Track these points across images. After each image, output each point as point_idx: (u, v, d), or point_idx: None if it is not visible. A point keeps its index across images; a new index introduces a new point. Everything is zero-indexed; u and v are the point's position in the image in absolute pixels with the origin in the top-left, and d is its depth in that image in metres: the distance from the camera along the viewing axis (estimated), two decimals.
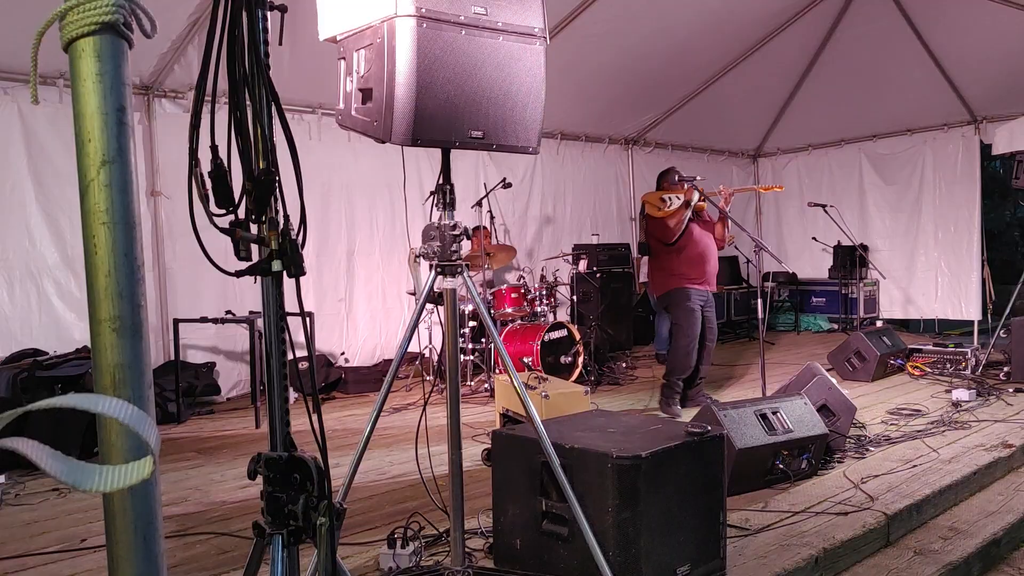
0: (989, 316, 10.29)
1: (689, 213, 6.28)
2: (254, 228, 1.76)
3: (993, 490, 4.80)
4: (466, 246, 6.13)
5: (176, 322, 6.61)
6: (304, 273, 1.74)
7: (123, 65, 0.89)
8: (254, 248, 1.78)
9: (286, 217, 1.75)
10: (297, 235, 1.77)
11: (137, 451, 0.83)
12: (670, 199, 6.36)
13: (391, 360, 8.27)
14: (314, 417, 1.78)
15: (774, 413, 4.50)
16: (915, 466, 4.77)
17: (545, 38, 2.99)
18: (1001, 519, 4.29)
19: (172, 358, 6.69)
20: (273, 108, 1.75)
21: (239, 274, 1.73)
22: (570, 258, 8.99)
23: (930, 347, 8.19)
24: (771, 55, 9.65)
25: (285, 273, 1.75)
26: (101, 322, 0.88)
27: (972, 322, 10.38)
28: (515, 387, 3.04)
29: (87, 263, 0.88)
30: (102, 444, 0.89)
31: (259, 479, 1.86)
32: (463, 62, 2.79)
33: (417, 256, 3.08)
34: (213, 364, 7.20)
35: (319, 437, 1.77)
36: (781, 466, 4.44)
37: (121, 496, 0.86)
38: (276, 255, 1.72)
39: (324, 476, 1.77)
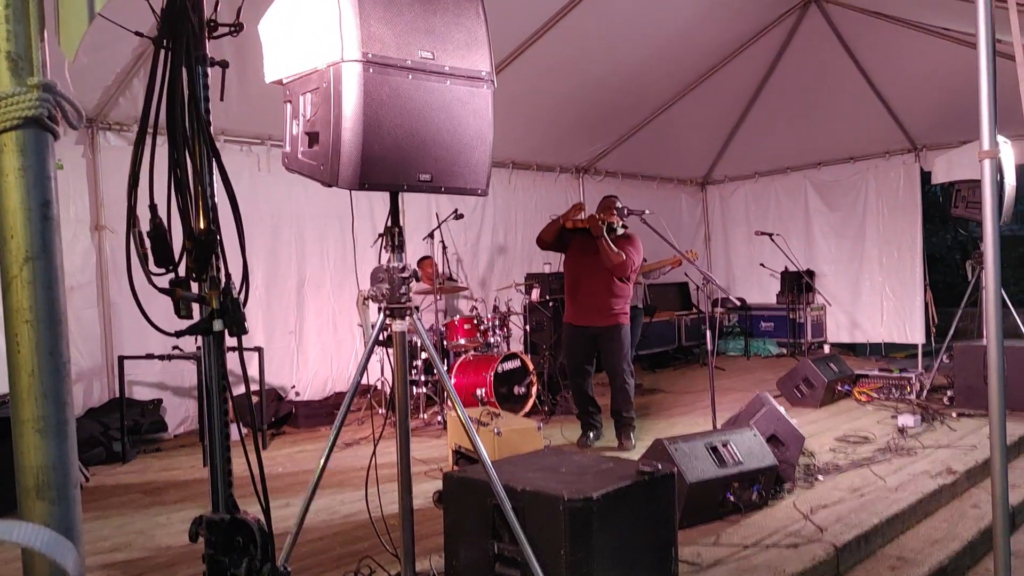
0: (932, 339, 10.51)
1: (560, 229, 6.32)
2: (195, 286, 1.74)
3: (939, 517, 4.87)
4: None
5: (121, 359, 6.46)
6: (246, 332, 1.71)
7: (48, 158, 0.87)
8: (195, 305, 1.75)
9: (227, 276, 1.73)
10: (239, 293, 1.74)
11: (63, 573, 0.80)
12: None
13: (342, 393, 8.17)
14: (257, 465, 1.75)
15: (724, 445, 4.54)
16: (863, 495, 4.83)
17: (492, 81, 3.01)
18: (946, 547, 4.36)
19: (117, 396, 6.54)
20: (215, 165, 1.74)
21: (179, 334, 1.70)
22: (523, 287, 9.00)
23: (876, 372, 8.33)
24: (718, 86, 9.81)
25: (227, 332, 1.72)
26: (24, 423, 0.85)
27: (916, 345, 10.60)
28: (466, 431, 3.03)
29: (9, 362, 0.86)
30: (25, 564, 0.86)
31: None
32: (410, 106, 2.79)
33: (366, 299, 3.05)
34: (160, 401, 7.06)
35: (263, 500, 1.73)
36: (732, 498, 4.47)
37: None
38: (217, 314, 1.70)
39: (268, 539, 1.74)
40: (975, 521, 4.74)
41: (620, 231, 6.30)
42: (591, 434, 6.38)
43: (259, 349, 6.84)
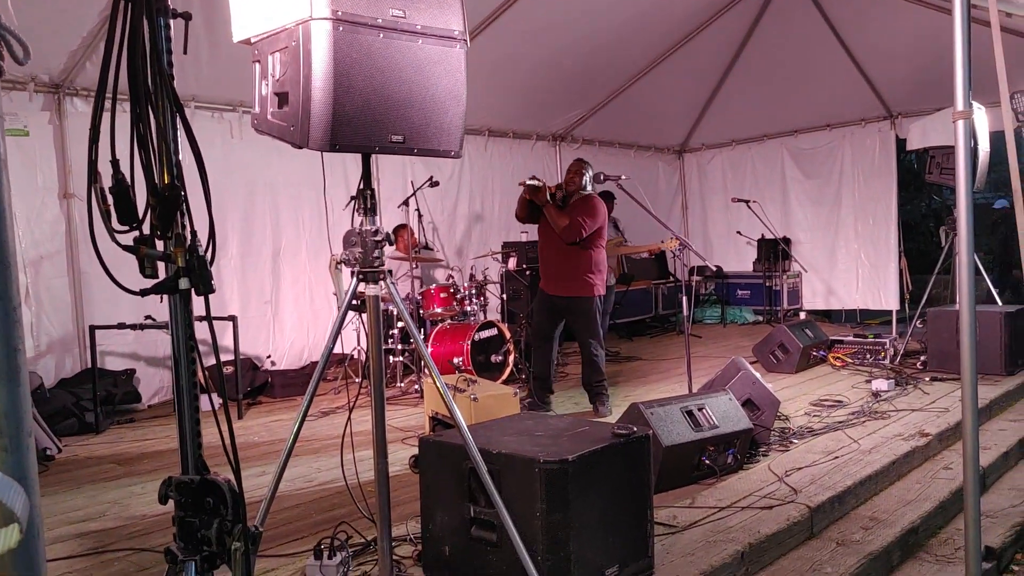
0: (907, 305, 10.61)
1: (527, 201, 6.29)
2: (160, 244, 1.70)
3: (911, 479, 4.94)
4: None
5: (92, 329, 6.38)
6: (213, 291, 1.68)
7: None
8: (161, 264, 1.71)
9: (193, 233, 1.69)
10: (205, 251, 1.71)
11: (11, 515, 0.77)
12: None
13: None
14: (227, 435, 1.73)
15: (700, 410, 4.56)
16: (837, 457, 4.89)
17: (465, 41, 2.96)
18: (919, 507, 4.43)
19: (89, 366, 6.47)
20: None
21: (144, 292, 1.66)
22: (499, 256, 8.97)
23: (850, 338, 8.41)
24: (694, 52, 9.77)
25: (193, 291, 1.68)
26: None
27: (891, 312, 10.70)
28: (442, 396, 3.01)
29: None
30: None
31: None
32: (381, 65, 2.74)
33: (339, 263, 3.02)
34: (133, 371, 6.99)
35: (232, 458, 1.71)
36: (707, 462, 4.50)
37: None
38: (183, 272, 1.66)
39: (238, 499, 1.71)
40: (946, 482, 4.82)
41: (587, 190, 6.22)
42: (533, 399, 6.38)
43: (233, 318, 6.78)
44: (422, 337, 7.15)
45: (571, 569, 2.98)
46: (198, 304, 1.76)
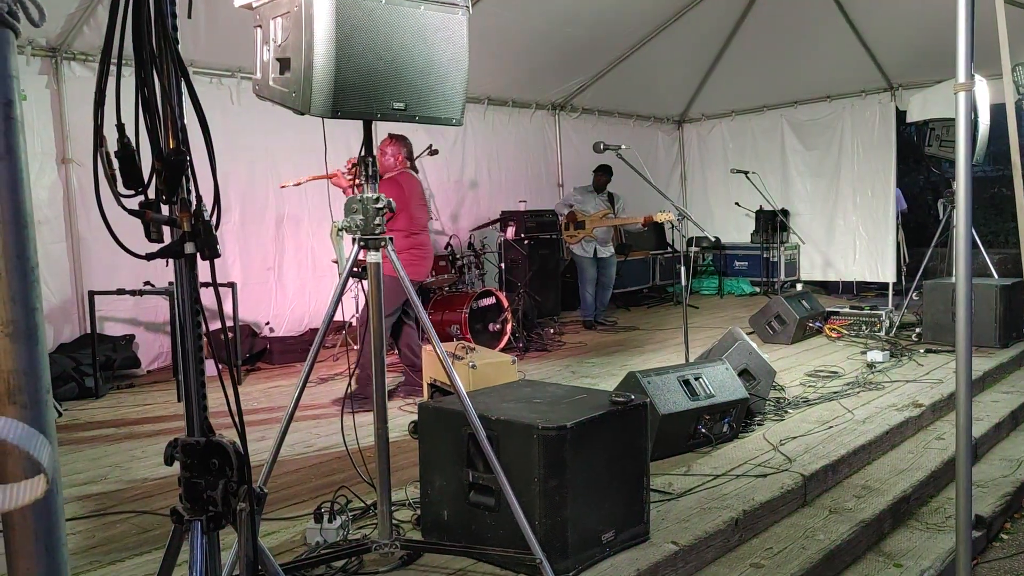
0: (903, 278, 10.64)
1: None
2: (165, 209, 1.71)
3: (904, 448, 4.99)
4: None
5: (92, 294, 6.40)
6: (219, 255, 1.69)
7: (8, 56, 0.85)
8: (166, 229, 1.73)
9: (199, 197, 1.70)
10: (211, 216, 1.72)
11: (36, 466, 0.79)
12: None
13: (318, 329, 8.16)
14: (232, 400, 1.75)
15: (697, 379, 4.59)
16: (831, 427, 4.93)
17: (468, 8, 2.94)
18: (911, 476, 4.48)
19: (88, 331, 6.49)
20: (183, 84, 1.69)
21: (150, 257, 1.68)
22: (498, 225, 8.97)
23: (847, 310, 8.45)
24: (695, 21, 9.71)
25: (199, 255, 1.70)
26: None
27: (887, 284, 10.73)
28: (442, 363, 3.04)
29: None
30: None
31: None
32: (384, 32, 2.73)
33: (340, 230, 3.02)
34: (132, 336, 7.01)
35: (237, 421, 1.73)
36: (703, 430, 4.54)
37: (20, 508, 0.83)
38: (189, 237, 1.67)
39: (243, 461, 1.74)
40: (939, 452, 4.87)
41: (406, 168, 6.05)
42: None
43: (232, 285, 6.79)
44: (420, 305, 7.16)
45: (567, 533, 3.03)
46: (202, 270, 1.78)
